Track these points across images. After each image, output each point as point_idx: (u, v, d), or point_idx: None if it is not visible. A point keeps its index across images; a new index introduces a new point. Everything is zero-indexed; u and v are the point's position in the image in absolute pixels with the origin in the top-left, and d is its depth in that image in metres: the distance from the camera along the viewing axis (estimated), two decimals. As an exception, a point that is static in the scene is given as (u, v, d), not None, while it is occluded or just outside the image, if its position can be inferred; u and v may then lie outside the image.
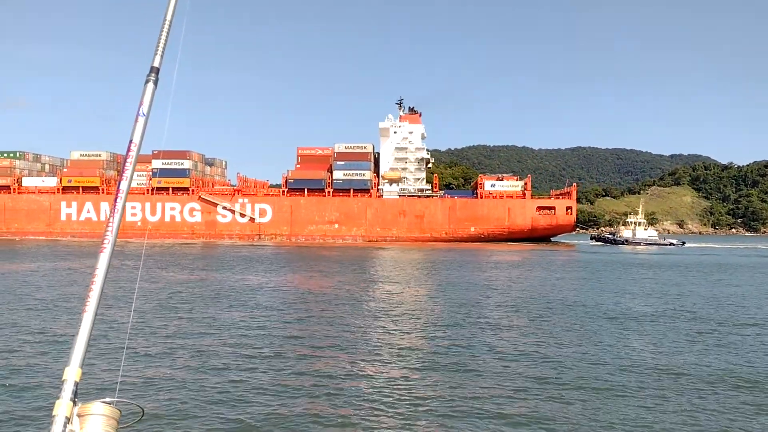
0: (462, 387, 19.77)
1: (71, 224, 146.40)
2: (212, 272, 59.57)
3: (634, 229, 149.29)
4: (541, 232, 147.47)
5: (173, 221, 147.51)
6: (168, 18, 4.13)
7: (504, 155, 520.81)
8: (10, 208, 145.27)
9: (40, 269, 60.13)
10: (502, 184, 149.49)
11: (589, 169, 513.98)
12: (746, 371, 22.32)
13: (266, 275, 57.30)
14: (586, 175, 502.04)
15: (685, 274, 66.55)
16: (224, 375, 20.96)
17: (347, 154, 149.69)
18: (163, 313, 33.68)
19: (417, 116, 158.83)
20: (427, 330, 29.86)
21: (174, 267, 64.66)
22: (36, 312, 33.57)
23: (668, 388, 20.06)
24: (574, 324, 31.78)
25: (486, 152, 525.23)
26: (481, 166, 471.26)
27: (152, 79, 4.03)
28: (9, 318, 31.45)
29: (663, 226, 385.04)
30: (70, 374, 3.35)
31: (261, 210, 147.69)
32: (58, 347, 24.62)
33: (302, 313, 34.58)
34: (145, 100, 3.97)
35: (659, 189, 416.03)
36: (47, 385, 19.27)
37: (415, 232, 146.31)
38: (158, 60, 4.06)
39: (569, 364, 22.88)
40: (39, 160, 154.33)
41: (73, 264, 67.69)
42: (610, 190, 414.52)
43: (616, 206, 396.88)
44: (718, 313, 36.53)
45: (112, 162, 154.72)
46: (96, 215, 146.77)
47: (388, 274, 60.02)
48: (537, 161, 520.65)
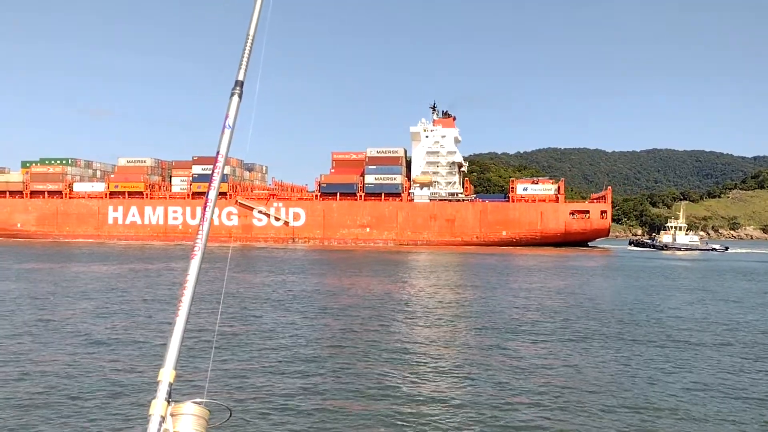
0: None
1: (117, 228, 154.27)
2: (289, 275, 61.68)
3: (674, 233, 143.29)
4: (575, 237, 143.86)
5: (212, 225, 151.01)
6: (251, 33, 4.22)
7: (576, 158, 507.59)
8: (62, 212, 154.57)
9: (117, 272, 63.53)
10: (535, 187, 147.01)
11: (665, 172, 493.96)
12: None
13: (332, 278, 59.89)
14: (662, 178, 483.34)
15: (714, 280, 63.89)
16: (309, 376, 21.47)
17: (379, 159, 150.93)
18: (246, 315, 34.60)
19: (451, 120, 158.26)
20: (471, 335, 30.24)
21: (249, 270, 66.88)
22: (126, 311, 35.44)
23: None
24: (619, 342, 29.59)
25: (557, 155, 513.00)
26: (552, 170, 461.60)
27: (237, 92, 4.13)
28: (105, 319, 33.05)
29: (746, 231, 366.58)
30: (165, 375, 3.48)
31: (295, 214, 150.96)
32: (154, 349, 25.61)
33: (377, 317, 35.29)
34: (230, 112, 4.08)
35: (741, 192, 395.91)
36: (141, 384, 20.13)
37: (446, 235, 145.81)
38: (242, 74, 4.17)
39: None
40: (90, 167, 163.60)
41: (149, 266, 71.20)
42: (689, 194, 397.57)
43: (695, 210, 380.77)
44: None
45: (156, 168, 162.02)
46: (140, 219, 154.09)
47: (437, 281, 59.26)
48: (610, 164, 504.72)
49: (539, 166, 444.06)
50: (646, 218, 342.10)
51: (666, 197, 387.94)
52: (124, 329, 29.96)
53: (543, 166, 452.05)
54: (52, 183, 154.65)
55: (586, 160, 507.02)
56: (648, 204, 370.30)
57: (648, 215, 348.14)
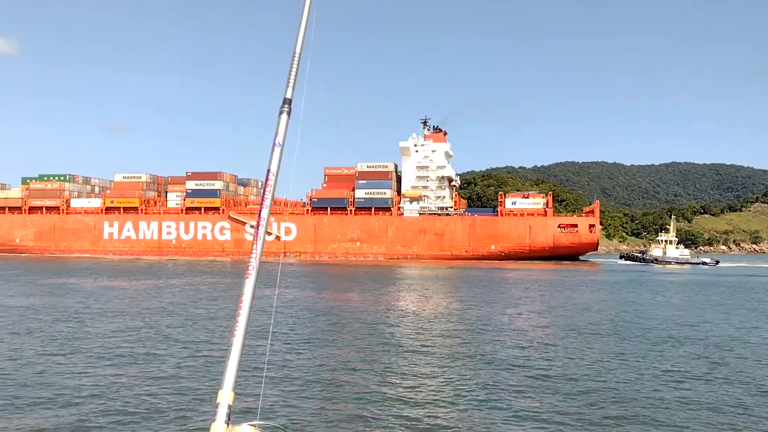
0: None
1: (113, 242, 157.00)
2: (335, 292, 61.86)
3: (664, 247, 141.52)
4: (564, 251, 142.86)
5: (204, 239, 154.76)
6: (297, 52, 4.27)
7: (593, 172, 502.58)
8: (60, 228, 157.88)
9: (145, 286, 64.32)
10: (524, 201, 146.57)
11: (685, 186, 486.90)
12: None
13: (382, 293, 60.68)
14: (682, 191, 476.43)
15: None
16: (363, 396, 21.33)
17: (369, 173, 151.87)
18: (296, 333, 34.58)
19: (442, 135, 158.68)
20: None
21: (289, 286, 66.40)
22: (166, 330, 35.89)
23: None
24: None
25: (574, 169, 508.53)
26: (569, 183, 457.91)
27: (285, 110, 4.18)
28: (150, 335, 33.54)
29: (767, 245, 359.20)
30: (224, 397, 3.48)
31: (286, 228, 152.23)
32: (209, 368, 25.53)
33: (417, 331, 35.86)
34: (280, 130, 4.12)
35: (763, 206, 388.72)
36: (194, 403, 19.92)
37: (435, 249, 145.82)
38: (290, 92, 4.21)
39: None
40: (89, 183, 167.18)
41: (174, 281, 71.93)
42: (709, 207, 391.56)
43: (716, 224, 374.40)
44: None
45: (152, 183, 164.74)
46: (135, 234, 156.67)
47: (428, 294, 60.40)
48: (629, 177, 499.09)
49: (556, 180, 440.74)
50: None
51: (686, 211, 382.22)
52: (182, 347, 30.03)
53: (560, 180, 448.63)
54: (50, 199, 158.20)
55: (604, 173, 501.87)
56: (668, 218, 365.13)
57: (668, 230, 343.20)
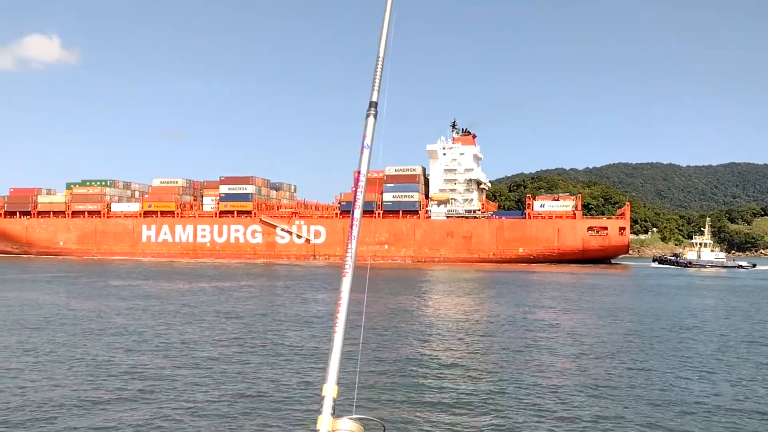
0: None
1: (150, 245, 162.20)
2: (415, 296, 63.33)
3: (699, 250, 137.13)
4: (593, 254, 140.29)
5: (237, 242, 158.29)
6: (381, 55, 4.34)
7: (648, 173, 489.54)
8: (101, 231, 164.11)
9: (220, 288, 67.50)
10: (552, 204, 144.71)
11: (744, 187, 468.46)
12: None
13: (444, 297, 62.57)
14: (741, 192, 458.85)
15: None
16: (457, 392, 21.83)
17: (396, 177, 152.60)
18: (382, 331, 35.79)
19: (470, 137, 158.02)
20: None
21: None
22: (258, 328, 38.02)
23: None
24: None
25: (628, 170, 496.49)
26: (623, 185, 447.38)
27: (372, 113, 4.24)
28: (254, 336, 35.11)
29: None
30: (329, 391, 3.52)
31: (316, 231, 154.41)
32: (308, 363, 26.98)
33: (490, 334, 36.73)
34: (367, 132, 4.18)
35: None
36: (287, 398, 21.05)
37: (462, 252, 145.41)
38: (375, 95, 4.29)
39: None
40: (129, 187, 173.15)
41: (226, 284, 75.03)
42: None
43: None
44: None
45: (188, 188, 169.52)
46: (171, 237, 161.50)
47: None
48: (685, 179, 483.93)
49: (609, 181, 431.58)
50: (725, 235, 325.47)
51: (745, 213, 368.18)
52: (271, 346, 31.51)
53: (613, 182, 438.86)
54: (92, 203, 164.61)
55: (659, 175, 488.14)
56: (726, 220, 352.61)
57: (726, 232, 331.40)
